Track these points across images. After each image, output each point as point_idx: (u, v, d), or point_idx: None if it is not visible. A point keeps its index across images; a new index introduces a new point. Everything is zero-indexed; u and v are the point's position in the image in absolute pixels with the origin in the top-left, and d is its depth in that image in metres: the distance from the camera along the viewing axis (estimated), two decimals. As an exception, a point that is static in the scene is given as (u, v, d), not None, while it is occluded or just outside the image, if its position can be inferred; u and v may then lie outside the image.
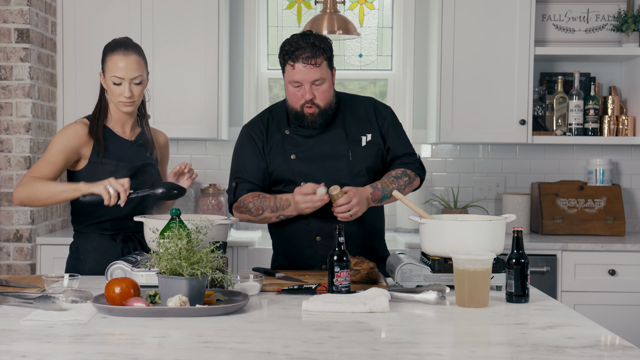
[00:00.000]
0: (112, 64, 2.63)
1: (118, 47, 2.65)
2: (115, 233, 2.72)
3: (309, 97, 2.57)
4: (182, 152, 4.33)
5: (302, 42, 2.55)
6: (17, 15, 3.64)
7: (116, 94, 2.65)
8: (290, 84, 2.59)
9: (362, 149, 2.67)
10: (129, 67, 2.62)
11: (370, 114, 2.73)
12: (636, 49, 4.00)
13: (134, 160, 2.72)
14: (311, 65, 2.54)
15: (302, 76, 2.55)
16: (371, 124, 2.72)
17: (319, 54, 2.55)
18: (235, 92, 4.33)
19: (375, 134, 2.71)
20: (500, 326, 1.89)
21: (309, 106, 2.59)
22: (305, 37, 2.57)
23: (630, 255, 3.66)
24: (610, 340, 1.74)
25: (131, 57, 2.63)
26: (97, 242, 2.71)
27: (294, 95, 2.60)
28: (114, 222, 2.70)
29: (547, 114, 4.16)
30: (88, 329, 1.78)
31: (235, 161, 2.74)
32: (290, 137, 2.68)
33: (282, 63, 2.61)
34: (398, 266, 2.29)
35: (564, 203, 4.02)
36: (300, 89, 2.58)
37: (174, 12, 3.96)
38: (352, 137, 2.68)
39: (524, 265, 2.11)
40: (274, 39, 4.44)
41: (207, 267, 1.94)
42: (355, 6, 4.42)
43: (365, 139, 2.69)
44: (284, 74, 2.62)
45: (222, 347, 1.64)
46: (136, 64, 2.64)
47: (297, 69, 2.55)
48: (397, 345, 1.67)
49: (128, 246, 2.74)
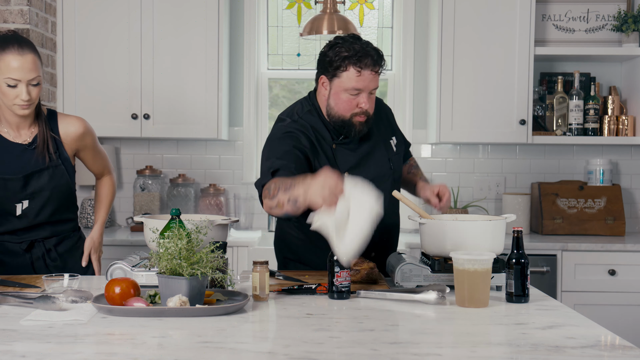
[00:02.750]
0: (5, 65, 2.38)
1: (10, 44, 2.40)
2: (20, 242, 2.61)
3: (366, 106, 2.42)
4: (182, 152, 4.34)
5: (369, 48, 2.40)
6: (17, 15, 3.64)
7: (11, 96, 2.42)
8: (346, 91, 2.41)
9: (396, 155, 2.64)
10: (25, 67, 2.39)
11: (385, 117, 2.69)
12: (636, 49, 4.00)
13: (27, 167, 2.52)
14: (376, 73, 2.41)
15: (366, 84, 2.40)
16: (389, 126, 2.68)
17: (381, 60, 2.43)
18: (235, 92, 4.34)
19: (395, 136, 2.68)
20: (500, 326, 1.89)
21: (361, 115, 2.44)
22: (366, 42, 2.43)
23: (630, 255, 3.66)
24: (610, 340, 1.74)
25: (27, 56, 2.40)
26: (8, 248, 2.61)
27: (347, 103, 2.42)
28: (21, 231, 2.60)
29: (547, 114, 4.16)
30: (88, 329, 1.78)
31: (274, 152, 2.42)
32: (338, 151, 2.51)
33: (339, 67, 2.40)
34: (398, 266, 2.29)
35: (564, 203, 4.02)
36: (357, 96, 2.41)
37: (174, 12, 3.96)
38: (385, 143, 2.62)
39: (524, 265, 2.11)
40: (274, 39, 4.44)
41: (207, 267, 1.94)
42: (355, 6, 4.42)
43: (393, 143, 2.64)
44: (337, 79, 2.42)
45: (222, 347, 1.64)
46: (32, 64, 2.41)
47: (363, 76, 2.38)
48: (397, 345, 1.67)
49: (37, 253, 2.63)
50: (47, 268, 2.63)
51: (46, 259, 2.64)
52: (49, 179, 2.58)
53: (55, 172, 2.59)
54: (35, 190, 2.57)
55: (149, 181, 4.18)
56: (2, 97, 2.45)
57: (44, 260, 2.64)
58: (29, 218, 2.59)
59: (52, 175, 2.59)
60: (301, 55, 4.45)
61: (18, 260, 2.62)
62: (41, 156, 2.55)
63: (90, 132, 2.70)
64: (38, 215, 2.60)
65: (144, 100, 3.97)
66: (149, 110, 3.98)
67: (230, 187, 4.34)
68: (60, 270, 2.60)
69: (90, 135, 2.70)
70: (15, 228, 2.60)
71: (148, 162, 4.32)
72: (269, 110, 4.46)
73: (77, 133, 2.64)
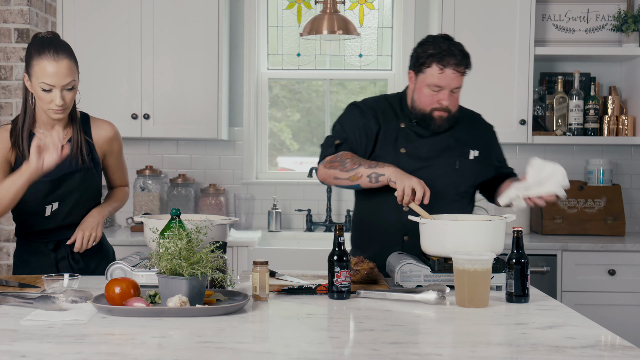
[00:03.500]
0: (40, 70, 2.39)
1: (46, 48, 2.41)
2: (47, 242, 2.62)
3: (446, 103, 2.56)
4: (182, 152, 4.34)
5: (454, 48, 2.53)
6: (17, 15, 3.64)
7: (46, 101, 2.43)
8: (428, 86, 2.55)
9: (469, 162, 2.68)
10: (60, 73, 2.40)
11: (481, 133, 2.76)
12: (636, 49, 4.00)
13: (59, 169, 2.50)
14: (459, 73, 2.54)
15: (448, 82, 2.53)
16: (480, 142, 2.73)
17: (465, 62, 2.55)
18: (235, 92, 4.34)
19: (483, 153, 2.72)
20: (500, 326, 1.89)
21: (442, 111, 2.57)
22: (453, 42, 2.56)
23: (630, 255, 3.66)
24: (610, 340, 1.74)
25: (62, 62, 2.40)
26: (33, 248, 2.63)
27: (429, 97, 2.56)
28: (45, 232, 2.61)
29: (547, 114, 4.16)
30: (88, 329, 1.78)
31: (343, 126, 2.67)
32: (404, 130, 2.65)
33: (424, 64, 2.55)
34: (398, 266, 2.28)
35: (564, 203, 4.02)
36: (438, 93, 2.55)
37: (174, 12, 3.96)
38: (461, 147, 2.68)
39: (524, 265, 2.11)
40: (274, 39, 4.44)
41: (207, 267, 1.94)
42: (355, 6, 4.42)
43: (473, 153, 2.70)
44: (421, 75, 2.56)
45: (222, 347, 1.64)
46: (68, 69, 2.42)
47: (445, 74, 2.52)
48: (397, 345, 1.67)
49: (62, 253, 2.63)
50: (72, 269, 2.63)
51: (70, 260, 2.65)
52: (80, 181, 2.59)
53: (86, 175, 2.60)
54: (65, 192, 2.57)
55: (149, 181, 4.18)
56: (38, 100, 2.46)
57: (68, 261, 2.64)
58: (57, 219, 2.60)
59: (84, 178, 2.60)
60: (301, 55, 4.45)
61: (43, 259, 2.63)
62: (74, 159, 2.56)
63: (119, 138, 2.73)
64: (66, 217, 2.61)
65: (144, 100, 3.97)
66: (149, 110, 3.98)
67: (230, 187, 4.34)
68: (82, 272, 2.61)
69: (118, 141, 2.72)
70: (42, 228, 2.61)
71: (148, 162, 4.32)
72: (269, 110, 4.46)
73: (108, 136, 2.67)
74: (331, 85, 4.47)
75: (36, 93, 2.45)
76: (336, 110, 4.50)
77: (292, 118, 4.54)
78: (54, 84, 2.40)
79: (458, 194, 2.66)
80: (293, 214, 4.37)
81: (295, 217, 4.38)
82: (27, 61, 2.45)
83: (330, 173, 2.57)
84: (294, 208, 4.36)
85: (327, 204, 4.28)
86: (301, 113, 4.54)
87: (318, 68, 4.45)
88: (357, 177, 2.51)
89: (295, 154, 4.56)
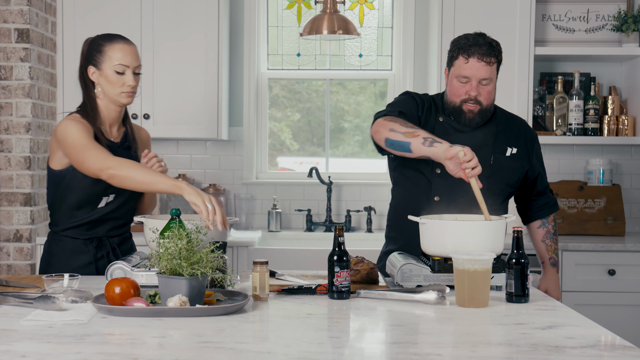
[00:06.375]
0: (114, 52, 2.53)
1: (116, 37, 2.58)
2: (89, 238, 2.63)
3: (473, 94, 2.56)
4: (182, 152, 4.34)
5: (480, 39, 2.56)
6: (17, 15, 3.64)
7: (118, 84, 2.54)
8: (456, 78, 2.58)
9: (505, 159, 2.68)
10: (134, 54, 2.57)
11: (521, 132, 2.75)
12: (636, 49, 4.00)
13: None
14: (485, 63, 2.54)
15: (473, 72, 2.55)
16: (520, 140, 2.72)
17: (493, 53, 2.56)
18: (235, 92, 4.34)
19: (521, 151, 2.71)
20: (500, 326, 1.89)
21: (471, 103, 2.58)
22: (482, 35, 2.59)
23: (630, 255, 3.66)
24: (610, 340, 1.74)
25: (132, 46, 2.58)
26: (70, 246, 2.62)
27: (458, 89, 2.59)
28: (89, 225, 2.62)
29: (547, 114, 4.16)
30: (88, 329, 1.78)
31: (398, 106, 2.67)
32: (442, 124, 2.67)
33: (453, 57, 2.59)
34: (398, 266, 2.29)
35: (564, 203, 4.02)
36: (466, 84, 2.57)
37: (174, 12, 3.96)
38: (499, 144, 2.68)
39: (524, 265, 2.11)
40: (274, 39, 4.44)
41: (207, 267, 1.94)
42: (355, 6, 4.42)
43: (510, 150, 2.69)
44: (452, 68, 2.61)
45: (222, 347, 1.64)
46: (137, 54, 2.59)
47: (470, 64, 2.54)
48: (397, 345, 1.67)
49: (101, 251, 2.64)
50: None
51: (112, 257, 2.65)
52: None
53: None
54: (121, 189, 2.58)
55: (149, 181, 4.18)
56: (108, 87, 2.54)
57: (108, 259, 2.64)
58: (106, 211, 2.62)
59: None
60: (301, 55, 4.45)
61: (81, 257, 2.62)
62: (135, 155, 2.65)
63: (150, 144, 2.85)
64: (116, 210, 2.65)
65: (144, 100, 3.97)
66: (149, 110, 3.98)
67: (230, 187, 4.34)
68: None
69: (149, 146, 2.83)
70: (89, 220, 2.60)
71: (148, 162, 4.31)
72: (269, 110, 4.47)
73: (146, 137, 2.81)
74: (331, 85, 4.47)
75: (107, 79, 2.53)
76: (336, 110, 4.50)
77: (292, 118, 4.54)
78: (129, 64, 2.53)
79: (490, 190, 2.62)
80: (293, 214, 4.38)
81: (295, 217, 4.38)
82: (94, 52, 2.55)
83: (388, 125, 2.52)
84: (294, 208, 4.36)
85: (327, 204, 4.28)
86: (301, 113, 4.54)
87: (318, 68, 4.45)
88: (414, 135, 2.45)
89: (295, 154, 4.56)
